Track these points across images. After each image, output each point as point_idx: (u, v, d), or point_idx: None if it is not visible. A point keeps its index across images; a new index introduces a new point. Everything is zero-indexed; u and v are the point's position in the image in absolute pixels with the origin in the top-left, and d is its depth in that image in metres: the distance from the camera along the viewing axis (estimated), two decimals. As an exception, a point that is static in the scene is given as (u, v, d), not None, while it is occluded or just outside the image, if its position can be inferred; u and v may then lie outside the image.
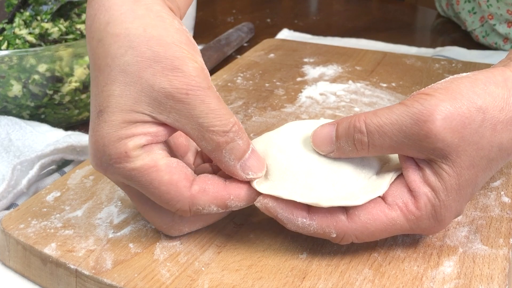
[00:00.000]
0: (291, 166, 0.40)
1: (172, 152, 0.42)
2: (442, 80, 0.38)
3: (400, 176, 0.39)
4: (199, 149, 0.45)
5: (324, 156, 0.40)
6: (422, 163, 0.37)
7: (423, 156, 0.37)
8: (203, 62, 0.37)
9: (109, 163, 0.37)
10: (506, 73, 0.37)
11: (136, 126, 0.36)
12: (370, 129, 0.36)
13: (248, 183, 0.39)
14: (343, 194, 0.38)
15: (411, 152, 0.37)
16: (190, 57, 0.36)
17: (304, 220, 0.38)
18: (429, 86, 0.37)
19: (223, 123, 0.37)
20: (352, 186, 0.39)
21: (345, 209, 0.38)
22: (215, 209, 0.39)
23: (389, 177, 0.39)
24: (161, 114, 0.36)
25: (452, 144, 0.35)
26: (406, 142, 0.36)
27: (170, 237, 0.42)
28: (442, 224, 0.38)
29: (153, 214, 0.40)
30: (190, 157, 0.45)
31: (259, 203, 0.38)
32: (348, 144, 0.38)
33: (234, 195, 0.39)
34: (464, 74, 0.38)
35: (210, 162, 0.44)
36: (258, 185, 0.39)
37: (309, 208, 0.38)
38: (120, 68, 0.36)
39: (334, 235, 0.38)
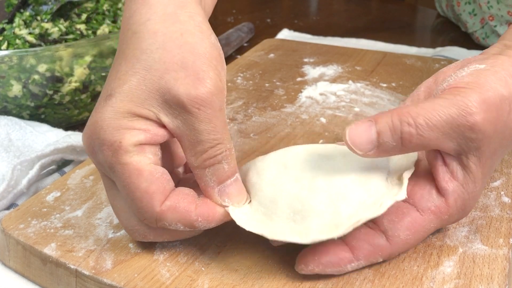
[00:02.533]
0: (283, 194, 0.38)
1: (167, 159, 0.41)
2: (462, 73, 0.38)
3: (422, 176, 0.39)
4: None
5: (320, 178, 0.38)
6: (449, 159, 0.37)
7: (457, 149, 0.36)
8: (225, 82, 0.37)
9: (100, 147, 0.36)
10: None
11: (139, 120, 0.36)
12: (419, 121, 0.35)
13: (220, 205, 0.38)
14: (357, 209, 0.37)
15: (450, 144, 0.36)
16: (216, 73, 0.36)
17: (353, 264, 0.38)
18: (455, 79, 0.37)
19: (218, 146, 0.37)
20: (363, 199, 0.37)
21: (383, 234, 0.38)
22: (181, 227, 0.38)
23: (405, 179, 0.37)
24: (166, 117, 0.36)
25: (488, 135, 0.36)
26: (450, 134, 0.35)
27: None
28: (467, 213, 0.39)
29: (122, 213, 0.39)
30: (181, 169, 0.45)
31: (303, 271, 0.37)
32: (393, 139, 0.36)
33: (203, 218, 0.38)
34: (479, 65, 0.38)
35: None
36: (238, 218, 0.38)
37: (348, 248, 0.37)
38: (146, 63, 0.36)
39: (381, 260, 0.38)
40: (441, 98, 0.36)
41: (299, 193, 0.38)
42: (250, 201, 0.40)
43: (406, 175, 0.38)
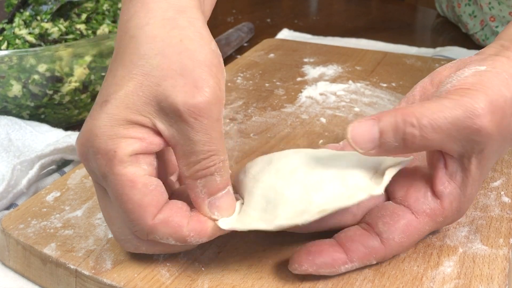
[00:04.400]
0: (259, 191, 0.38)
1: (161, 166, 0.40)
2: (465, 73, 0.37)
3: (418, 178, 0.39)
4: None
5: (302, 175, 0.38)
6: (450, 160, 0.37)
7: (460, 151, 0.36)
8: (224, 91, 0.37)
9: (94, 155, 0.35)
10: None
11: (135, 128, 0.35)
12: (423, 122, 0.34)
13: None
14: (330, 200, 0.36)
15: (454, 146, 0.36)
16: (215, 82, 0.35)
17: (347, 266, 0.37)
18: (459, 80, 0.37)
19: (212, 158, 0.36)
20: (339, 191, 0.37)
21: (377, 236, 0.38)
22: (173, 242, 0.37)
23: (387, 175, 0.37)
24: (162, 124, 0.35)
25: (493, 138, 0.35)
26: (455, 136, 0.35)
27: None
28: (462, 214, 0.39)
29: (114, 222, 0.38)
30: (174, 177, 0.44)
31: (296, 270, 0.37)
32: (396, 139, 0.35)
33: (195, 233, 0.37)
34: (479, 67, 0.38)
35: None
36: (224, 223, 0.37)
37: (342, 249, 0.37)
38: (143, 69, 0.35)
39: (374, 262, 0.38)
40: (447, 98, 0.35)
41: (275, 184, 0.38)
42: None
43: (389, 172, 0.37)
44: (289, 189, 0.37)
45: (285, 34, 1.03)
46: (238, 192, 0.41)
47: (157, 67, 0.35)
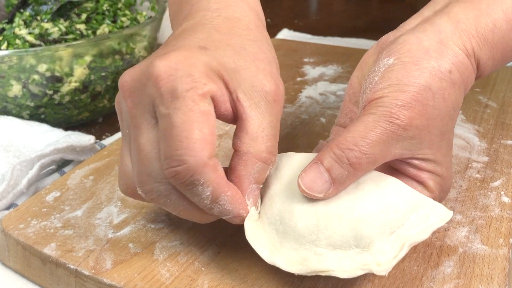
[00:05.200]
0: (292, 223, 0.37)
1: None
2: (376, 77, 0.39)
3: (403, 179, 0.39)
4: None
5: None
6: (409, 160, 0.38)
7: (405, 152, 0.38)
8: None
9: (181, 76, 0.35)
10: (427, 39, 0.39)
11: (222, 83, 0.37)
12: (359, 143, 0.36)
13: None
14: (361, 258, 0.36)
15: (397, 151, 0.37)
16: (281, 83, 0.40)
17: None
18: (371, 88, 0.39)
19: (275, 145, 0.39)
20: (346, 251, 0.36)
21: None
22: (207, 193, 0.36)
23: (403, 250, 0.35)
24: (243, 94, 0.37)
25: (423, 126, 0.37)
26: (391, 142, 0.37)
27: (170, 237, 0.42)
28: (448, 191, 0.40)
29: (143, 162, 0.36)
30: None
31: None
32: (344, 168, 0.36)
33: (231, 193, 0.37)
34: (388, 60, 0.39)
35: None
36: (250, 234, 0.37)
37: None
38: (241, 44, 0.39)
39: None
40: (368, 114, 0.37)
41: (289, 207, 0.38)
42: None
43: (405, 248, 0.35)
44: (301, 220, 0.37)
45: (285, 34, 1.03)
46: None
47: (251, 48, 0.40)
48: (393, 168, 0.40)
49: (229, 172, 0.38)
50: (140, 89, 0.36)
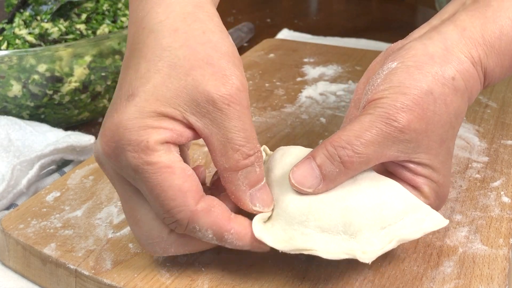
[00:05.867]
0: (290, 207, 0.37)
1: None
2: (378, 79, 0.39)
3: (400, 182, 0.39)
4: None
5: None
6: (405, 163, 0.38)
7: (401, 155, 0.37)
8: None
9: (125, 149, 0.35)
10: (432, 46, 0.39)
11: (165, 120, 0.35)
12: (353, 142, 0.36)
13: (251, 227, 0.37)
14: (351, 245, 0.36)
15: (392, 153, 0.37)
16: (240, 72, 0.36)
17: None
18: (372, 89, 0.38)
19: (249, 145, 0.36)
20: (336, 235, 0.36)
21: None
22: (210, 236, 0.36)
23: (389, 244, 0.36)
24: (193, 116, 0.35)
25: (422, 131, 0.37)
26: (386, 144, 0.36)
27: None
28: (444, 199, 0.39)
29: (141, 225, 0.37)
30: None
31: None
32: (335, 165, 0.36)
33: (235, 231, 0.36)
34: (392, 64, 0.39)
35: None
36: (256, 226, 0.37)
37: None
38: (169, 61, 0.36)
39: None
40: (365, 115, 0.37)
41: (304, 202, 0.38)
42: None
43: (394, 242, 0.36)
44: (293, 202, 0.37)
45: (285, 34, 1.03)
46: None
47: (183, 58, 0.35)
48: (389, 172, 0.39)
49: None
50: (104, 164, 0.37)
